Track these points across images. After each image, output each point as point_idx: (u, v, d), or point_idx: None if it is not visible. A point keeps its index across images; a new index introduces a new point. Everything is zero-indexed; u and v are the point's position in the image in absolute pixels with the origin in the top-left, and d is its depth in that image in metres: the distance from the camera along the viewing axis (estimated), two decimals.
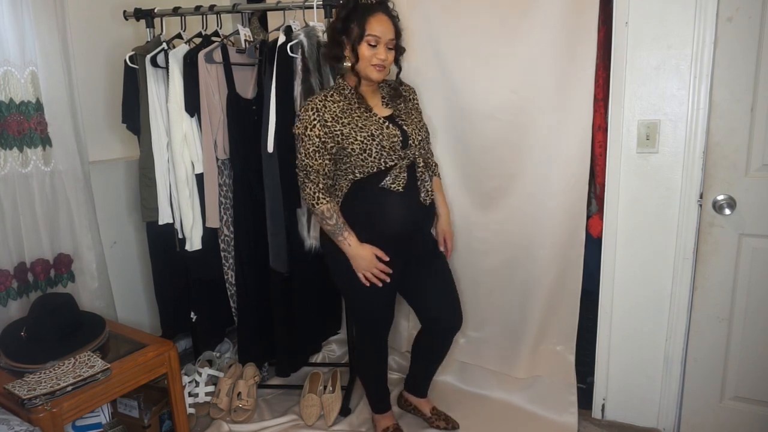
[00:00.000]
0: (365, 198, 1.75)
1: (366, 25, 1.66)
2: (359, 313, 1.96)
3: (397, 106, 1.84)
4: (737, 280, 1.89)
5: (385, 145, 1.70)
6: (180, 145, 2.14)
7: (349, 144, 1.69)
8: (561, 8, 1.95)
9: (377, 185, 1.73)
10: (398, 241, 1.80)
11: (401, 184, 1.74)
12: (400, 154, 1.74)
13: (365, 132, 1.69)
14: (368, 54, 1.68)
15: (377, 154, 1.70)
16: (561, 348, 2.27)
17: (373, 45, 1.67)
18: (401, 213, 1.76)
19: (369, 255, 1.75)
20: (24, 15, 1.91)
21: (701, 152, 1.85)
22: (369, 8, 1.67)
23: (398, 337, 2.59)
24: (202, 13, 2.18)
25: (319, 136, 1.68)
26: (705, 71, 1.80)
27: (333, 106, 1.71)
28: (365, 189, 1.74)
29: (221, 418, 2.23)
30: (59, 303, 1.79)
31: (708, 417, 2.03)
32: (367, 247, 1.76)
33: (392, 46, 1.72)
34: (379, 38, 1.67)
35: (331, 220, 1.73)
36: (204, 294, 2.39)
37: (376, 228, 1.77)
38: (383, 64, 1.69)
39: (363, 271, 1.77)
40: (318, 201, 1.72)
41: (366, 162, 1.70)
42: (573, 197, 2.10)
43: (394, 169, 1.73)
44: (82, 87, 2.18)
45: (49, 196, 2.05)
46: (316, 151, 1.69)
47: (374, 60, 1.68)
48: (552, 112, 2.05)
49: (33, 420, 1.44)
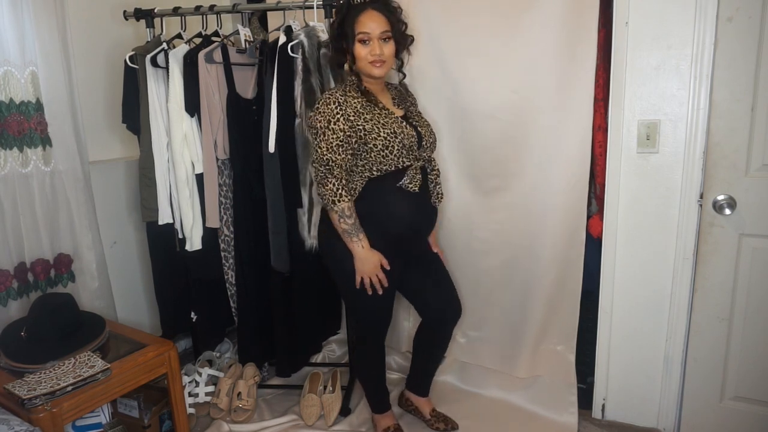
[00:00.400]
0: (379, 196, 1.73)
1: (355, 25, 1.67)
2: (360, 313, 1.96)
3: (408, 107, 1.85)
4: (737, 280, 1.89)
5: (405, 144, 1.70)
6: (180, 145, 2.14)
7: (372, 140, 1.66)
8: (561, 8, 1.95)
9: (394, 184, 1.72)
10: (402, 241, 1.81)
11: (417, 184, 1.74)
12: (415, 154, 1.74)
13: (388, 129, 1.68)
14: (363, 52, 1.68)
15: (398, 152, 1.69)
16: (561, 348, 2.27)
17: (365, 42, 1.67)
18: (412, 213, 1.76)
19: (376, 261, 1.74)
20: (24, 15, 1.91)
21: (701, 152, 1.85)
22: (359, 8, 1.68)
23: (398, 337, 2.59)
24: (202, 13, 2.18)
25: (343, 130, 1.65)
26: (705, 71, 1.80)
27: (353, 101, 1.69)
28: (380, 187, 1.72)
29: (221, 418, 2.23)
30: (59, 303, 1.79)
31: (708, 417, 2.03)
32: (377, 253, 1.74)
33: (387, 38, 1.69)
34: (369, 34, 1.66)
35: (350, 219, 1.69)
36: (204, 294, 2.39)
37: (383, 227, 1.75)
38: (379, 58, 1.68)
39: (366, 274, 1.75)
40: (340, 198, 1.67)
41: (386, 159, 1.69)
42: (573, 197, 2.10)
43: (410, 170, 1.73)
44: (82, 87, 2.18)
45: (49, 196, 2.05)
46: (340, 145, 1.65)
47: (369, 57, 1.67)
48: (552, 112, 2.06)
49: (33, 420, 1.44)
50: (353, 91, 1.72)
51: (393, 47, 1.72)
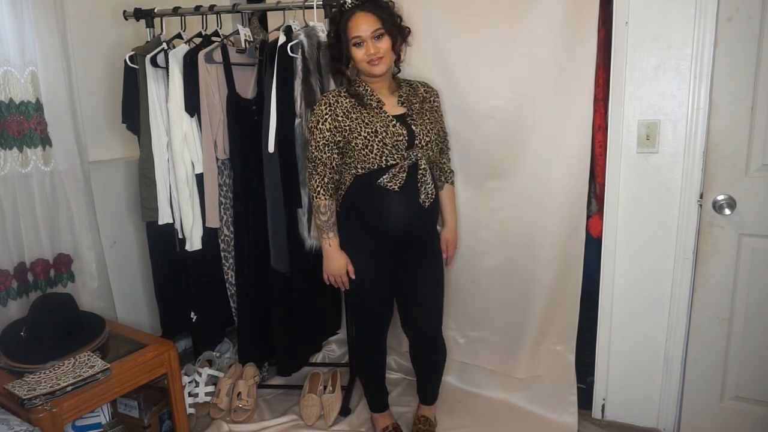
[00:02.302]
0: (364, 193, 1.78)
1: (347, 30, 1.72)
2: (356, 309, 1.99)
3: (412, 105, 1.84)
4: (737, 281, 1.89)
5: (387, 143, 1.71)
6: (180, 145, 2.14)
7: (353, 139, 1.73)
8: (561, 8, 1.95)
9: (375, 182, 1.75)
10: (392, 239, 1.82)
11: (398, 183, 1.75)
12: (403, 153, 1.74)
13: (369, 128, 1.72)
14: (359, 55, 1.73)
15: (378, 150, 1.72)
16: (561, 348, 2.27)
17: (359, 44, 1.71)
18: (396, 212, 1.78)
19: (341, 263, 1.83)
20: (24, 15, 1.91)
21: (701, 152, 1.85)
22: (348, 13, 1.72)
23: (398, 337, 2.58)
24: (202, 13, 2.18)
25: (330, 129, 1.74)
26: (705, 71, 1.80)
27: (345, 102, 1.76)
28: (365, 184, 1.77)
29: (221, 418, 2.23)
30: (59, 303, 1.79)
31: (708, 417, 2.03)
32: (344, 257, 1.83)
33: (380, 35, 1.72)
34: (361, 36, 1.70)
35: (324, 216, 1.80)
36: (204, 294, 2.39)
37: (370, 224, 1.81)
38: (375, 56, 1.71)
39: (329, 273, 1.85)
40: (318, 195, 1.78)
41: (368, 157, 1.73)
42: (573, 197, 2.10)
43: (393, 168, 1.74)
44: (82, 87, 2.18)
45: (49, 196, 2.05)
46: (326, 144, 1.75)
47: (365, 57, 1.71)
48: (552, 112, 2.05)
49: (33, 420, 1.44)
50: (345, 93, 1.78)
51: (388, 41, 1.74)
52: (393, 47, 1.77)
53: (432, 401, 2.17)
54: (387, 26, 1.73)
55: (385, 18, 1.73)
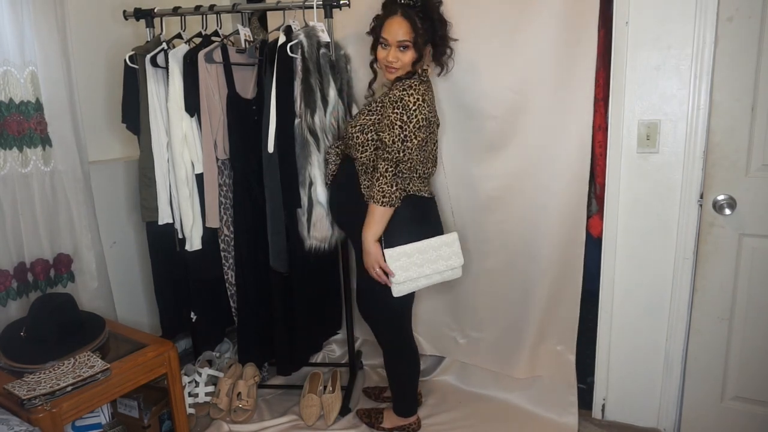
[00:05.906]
0: None
1: (381, 28, 1.74)
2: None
3: (370, 104, 1.89)
4: (737, 280, 1.89)
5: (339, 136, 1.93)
6: (180, 145, 2.14)
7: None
8: (561, 8, 1.95)
9: None
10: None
11: (329, 175, 2.00)
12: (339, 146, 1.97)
13: None
14: (381, 55, 1.77)
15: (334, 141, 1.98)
16: (561, 348, 2.27)
17: (385, 45, 1.74)
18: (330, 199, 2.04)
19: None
20: (24, 15, 1.91)
21: (701, 152, 1.85)
22: (391, 10, 1.73)
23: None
24: (202, 13, 2.18)
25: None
26: (705, 71, 1.80)
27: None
28: None
29: (221, 418, 2.23)
30: (59, 303, 1.79)
31: (708, 417, 2.03)
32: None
33: (405, 46, 1.71)
34: (387, 40, 1.72)
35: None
36: (204, 294, 2.39)
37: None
38: (392, 65, 1.73)
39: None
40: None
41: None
42: (573, 197, 2.10)
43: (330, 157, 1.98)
44: (82, 87, 2.17)
45: (49, 196, 2.05)
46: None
47: (384, 61, 1.75)
48: (552, 111, 2.05)
49: (33, 420, 1.44)
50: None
51: (412, 55, 1.73)
52: (416, 61, 1.75)
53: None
54: (418, 39, 1.71)
55: (421, 30, 1.71)
